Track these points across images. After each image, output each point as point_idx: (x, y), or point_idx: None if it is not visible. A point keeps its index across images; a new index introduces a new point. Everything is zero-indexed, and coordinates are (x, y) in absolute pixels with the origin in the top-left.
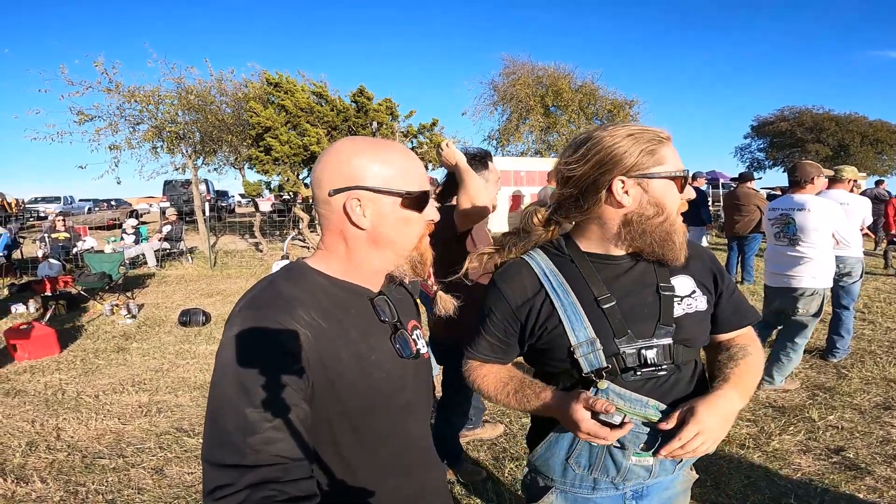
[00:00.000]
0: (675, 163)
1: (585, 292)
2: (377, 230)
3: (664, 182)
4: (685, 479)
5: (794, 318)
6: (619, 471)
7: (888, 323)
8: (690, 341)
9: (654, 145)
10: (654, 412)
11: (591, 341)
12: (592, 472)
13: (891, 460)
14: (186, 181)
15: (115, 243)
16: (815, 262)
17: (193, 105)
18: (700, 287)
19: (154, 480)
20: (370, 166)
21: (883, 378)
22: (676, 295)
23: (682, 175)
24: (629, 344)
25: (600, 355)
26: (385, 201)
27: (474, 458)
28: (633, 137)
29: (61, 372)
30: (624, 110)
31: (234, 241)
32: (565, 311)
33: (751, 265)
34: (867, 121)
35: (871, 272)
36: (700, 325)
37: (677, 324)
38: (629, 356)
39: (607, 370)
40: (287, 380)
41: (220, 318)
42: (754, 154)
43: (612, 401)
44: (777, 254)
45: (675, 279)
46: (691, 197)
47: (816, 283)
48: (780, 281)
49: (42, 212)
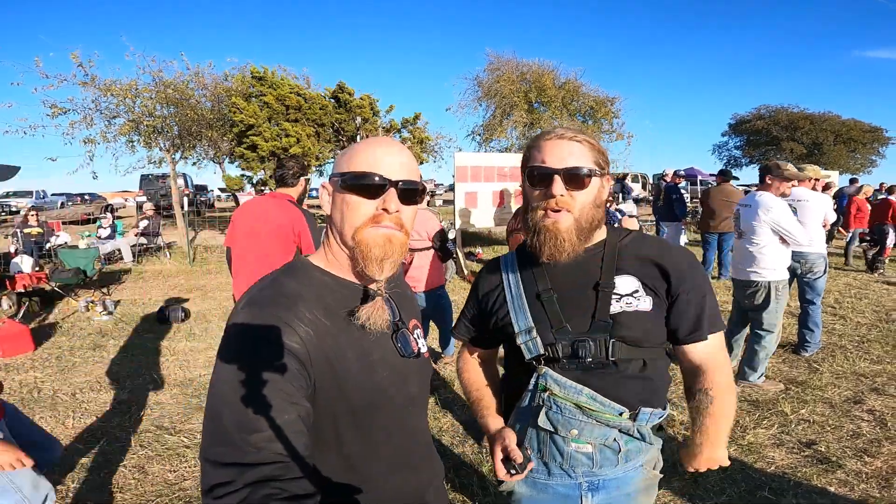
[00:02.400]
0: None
1: (532, 286)
2: (332, 215)
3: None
4: (646, 478)
5: (748, 310)
6: (564, 456)
7: (858, 318)
8: (632, 339)
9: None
10: (586, 399)
11: (529, 330)
12: (544, 456)
13: (861, 454)
14: (164, 175)
15: (89, 238)
16: (757, 256)
17: (171, 99)
18: (645, 288)
19: (136, 479)
20: (340, 156)
21: (853, 372)
22: (616, 292)
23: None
24: (564, 336)
25: (538, 343)
26: (335, 184)
27: (459, 452)
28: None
29: (36, 370)
30: (605, 107)
31: (214, 237)
32: (512, 303)
33: (728, 262)
34: (840, 119)
35: (840, 268)
36: (642, 325)
37: (615, 320)
38: (562, 347)
39: (544, 357)
40: (288, 378)
41: (200, 314)
42: (731, 152)
43: (549, 386)
44: (734, 247)
45: (619, 277)
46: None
47: (758, 276)
48: (734, 273)
49: (14, 206)
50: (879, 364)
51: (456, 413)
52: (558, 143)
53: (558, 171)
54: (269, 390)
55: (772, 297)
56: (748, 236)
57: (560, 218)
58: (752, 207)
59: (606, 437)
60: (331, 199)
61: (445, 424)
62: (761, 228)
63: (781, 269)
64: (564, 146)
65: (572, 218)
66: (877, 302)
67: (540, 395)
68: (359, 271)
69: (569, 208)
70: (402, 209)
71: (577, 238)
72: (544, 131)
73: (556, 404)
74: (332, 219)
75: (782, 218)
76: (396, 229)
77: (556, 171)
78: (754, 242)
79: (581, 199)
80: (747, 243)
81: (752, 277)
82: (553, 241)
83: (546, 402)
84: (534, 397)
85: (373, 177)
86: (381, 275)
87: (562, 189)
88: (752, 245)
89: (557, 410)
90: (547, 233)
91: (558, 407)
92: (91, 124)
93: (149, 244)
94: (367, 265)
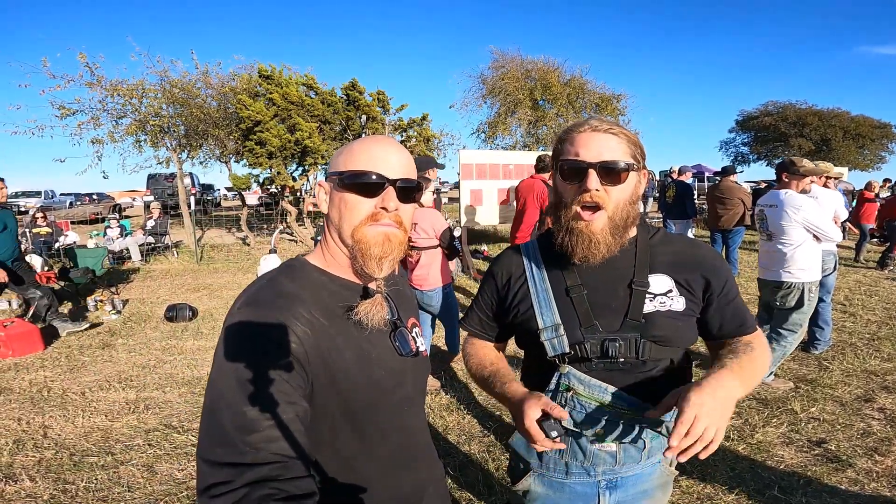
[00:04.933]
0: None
1: (560, 281)
2: (329, 214)
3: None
4: (662, 474)
5: (777, 309)
6: (586, 455)
7: (869, 315)
8: (663, 339)
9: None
10: (613, 398)
11: (556, 327)
12: (564, 455)
13: (871, 452)
14: (171, 174)
15: (98, 238)
16: (792, 257)
17: (178, 98)
18: (679, 287)
19: (144, 478)
20: (337, 155)
21: (863, 370)
22: (649, 292)
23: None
24: (594, 334)
25: (564, 341)
26: (333, 183)
27: (465, 451)
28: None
29: (46, 369)
30: (612, 104)
31: (221, 235)
32: (537, 297)
33: (735, 258)
34: (849, 116)
35: (850, 265)
36: (674, 325)
37: (647, 320)
38: (592, 346)
39: (570, 356)
40: (286, 377)
41: (207, 312)
42: (739, 148)
43: (573, 385)
44: (761, 248)
45: (653, 276)
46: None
47: (793, 277)
48: (763, 274)
49: (23, 206)
50: (890, 362)
51: (461, 412)
52: (593, 135)
53: (593, 165)
54: (268, 390)
55: (805, 299)
56: (778, 237)
57: (594, 219)
58: (779, 207)
59: (632, 435)
60: (328, 198)
61: (451, 423)
62: (793, 228)
63: (815, 268)
64: (600, 139)
65: (606, 217)
66: (887, 299)
67: (563, 394)
68: (357, 270)
69: (603, 204)
70: (401, 207)
71: (611, 238)
72: (577, 123)
73: (580, 404)
74: (330, 217)
75: (814, 215)
76: (395, 227)
77: (591, 164)
78: (787, 243)
79: (616, 195)
80: (778, 244)
81: (786, 279)
82: (586, 244)
83: (569, 402)
84: (555, 397)
85: (371, 175)
86: (380, 273)
87: (597, 184)
88: (785, 246)
89: (582, 410)
90: (580, 234)
91: (582, 406)
92: (98, 124)
93: (156, 243)
94: (367, 263)
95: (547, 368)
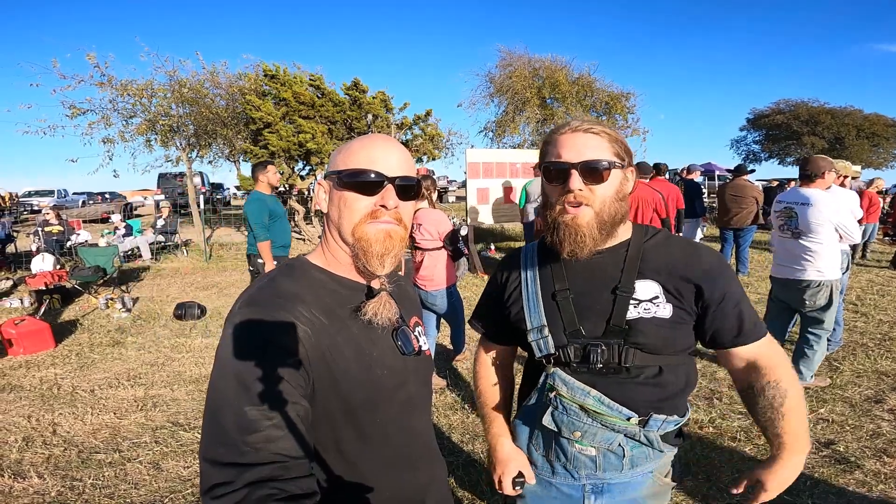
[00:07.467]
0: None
1: (549, 284)
2: (329, 213)
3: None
4: (654, 485)
5: (805, 311)
6: (567, 457)
7: (881, 315)
8: (648, 347)
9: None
10: (593, 402)
11: (541, 328)
12: (549, 455)
13: (880, 454)
14: (181, 173)
15: (109, 236)
16: (820, 255)
17: (187, 98)
18: (667, 294)
19: (151, 475)
20: (336, 154)
21: (874, 371)
22: (634, 297)
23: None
24: (577, 339)
25: (549, 342)
26: (333, 181)
27: (469, 450)
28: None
29: (56, 367)
30: (620, 102)
31: (230, 234)
32: (528, 298)
33: (745, 257)
34: (863, 114)
35: (861, 264)
36: (660, 332)
37: (630, 326)
38: (575, 350)
39: (555, 357)
40: (287, 377)
41: (216, 311)
42: (750, 146)
43: (556, 386)
44: (782, 246)
45: (640, 282)
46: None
47: (822, 276)
48: (784, 272)
49: (35, 205)
50: None
51: (466, 411)
52: (573, 136)
53: (575, 166)
54: (269, 390)
55: (834, 296)
56: (807, 235)
57: (579, 213)
58: (813, 206)
59: (611, 441)
60: (328, 197)
61: (455, 422)
62: (824, 227)
63: (839, 266)
64: (581, 139)
65: (592, 212)
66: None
67: (547, 394)
68: (359, 268)
69: (588, 202)
70: (401, 205)
71: (598, 233)
72: (559, 125)
73: (561, 404)
74: (330, 216)
75: (844, 214)
76: (395, 224)
77: (572, 165)
78: (815, 241)
79: (601, 192)
80: (806, 242)
81: (815, 277)
82: (573, 237)
83: (552, 402)
84: (541, 396)
85: (370, 174)
86: (382, 270)
87: (580, 184)
88: (814, 243)
89: (563, 411)
90: (566, 228)
91: (564, 407)
92: (109, 124)
93: (166, 242)
94: (369, 261)
95: (539, 367)
